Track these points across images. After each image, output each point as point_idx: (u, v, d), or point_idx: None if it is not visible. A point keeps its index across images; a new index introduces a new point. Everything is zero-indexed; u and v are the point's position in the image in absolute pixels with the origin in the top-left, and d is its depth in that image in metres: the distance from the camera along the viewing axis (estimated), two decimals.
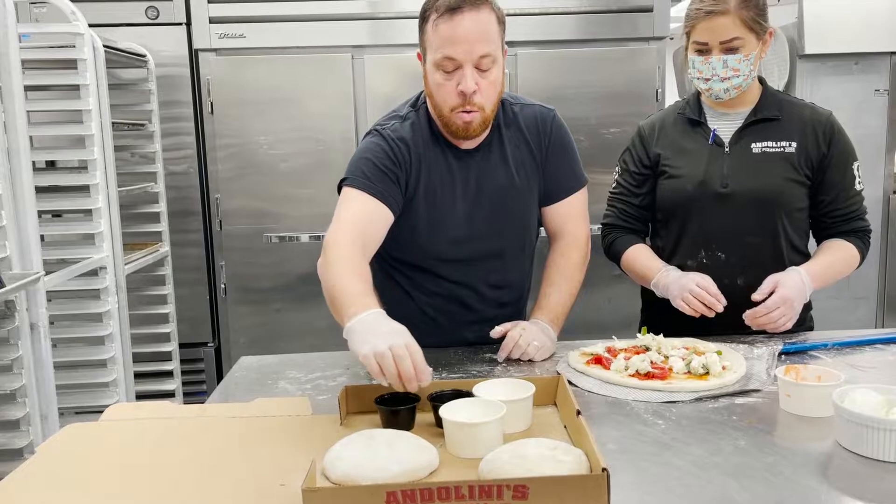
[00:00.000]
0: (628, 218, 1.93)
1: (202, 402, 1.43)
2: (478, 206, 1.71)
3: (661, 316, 1.82)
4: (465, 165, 1.70)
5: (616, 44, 2.99)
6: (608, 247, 1.95)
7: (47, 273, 2.07)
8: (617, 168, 1.96)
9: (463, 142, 1.68)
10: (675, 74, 4.58)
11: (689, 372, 1.46)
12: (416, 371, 1.23)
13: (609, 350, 1.58)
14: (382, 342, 1.24)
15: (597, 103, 2.98)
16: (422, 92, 1.73)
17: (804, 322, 1.85)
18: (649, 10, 2.97)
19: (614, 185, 1.96)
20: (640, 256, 1.88)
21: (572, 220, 1.79)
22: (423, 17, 1.57)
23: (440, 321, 1.77)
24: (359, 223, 1.57)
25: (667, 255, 1.88)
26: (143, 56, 2.79)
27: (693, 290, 1.68)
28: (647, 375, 1.45)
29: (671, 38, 3.13)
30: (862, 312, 3.44)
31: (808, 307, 1.85)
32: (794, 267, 1.74)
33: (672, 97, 2.80)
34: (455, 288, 1.75)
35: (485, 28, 1.53)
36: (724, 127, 1.82)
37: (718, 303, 1.67)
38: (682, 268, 1.81)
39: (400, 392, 1.25)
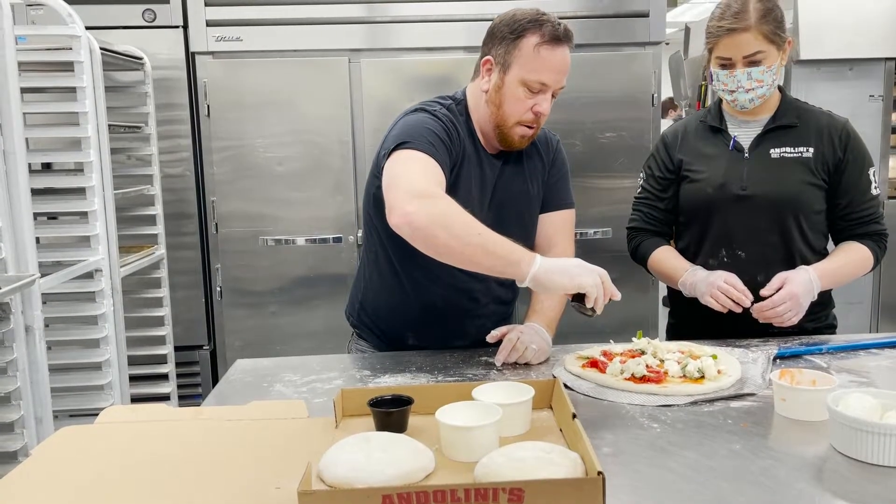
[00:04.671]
0: (654, 221, 1.99)
1: (198, 405, 1.43)
2: (496, 206, 1.75)
3: (687, 319, 1.90)
4: (493, 167, 1.75)
5: (612, 49, 3.00)
6: (635, 249, 2.01)
7: (43, 275, 2.06)
8: (641, 174, 2.03)
9: (495, 147, 1.74)
10: (670, 79, 4.60)
11: (684, 376, 1.47)
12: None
13: (605, 353, 1.58)
14: (590, 273, 1.44)
15: (592, 108, 2.98)
16: (456, 92, 1.77)
17: (826, 318, 1.93)
18: (645, 15, 2.97)
19: (640, 190, 2.03)
20: (667, 258, 1.93)
21: (561, 233, 1.85)
22: (517, 34, 1.61)
23: (448, 313, 1.79)
24: (439, 182, 1.55)
25: (689, 255, 1.94)
26: (140, 59, 2.79)
27: (721, 287, 1.75)
28: (643, 379, 1.46)
29: (667, 44, 3.14)
30: (856, 317, 3.45)
31: (829, 305, 1.93)
32: (803, 266, 1.80)
33: None
34: (469, 281, 1.76)
35: (569, 63, 1.66)
36: (745, 134, 1.88)
37: (745, 298, 1.73)
38: (705, 267, 1.87)
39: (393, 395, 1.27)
